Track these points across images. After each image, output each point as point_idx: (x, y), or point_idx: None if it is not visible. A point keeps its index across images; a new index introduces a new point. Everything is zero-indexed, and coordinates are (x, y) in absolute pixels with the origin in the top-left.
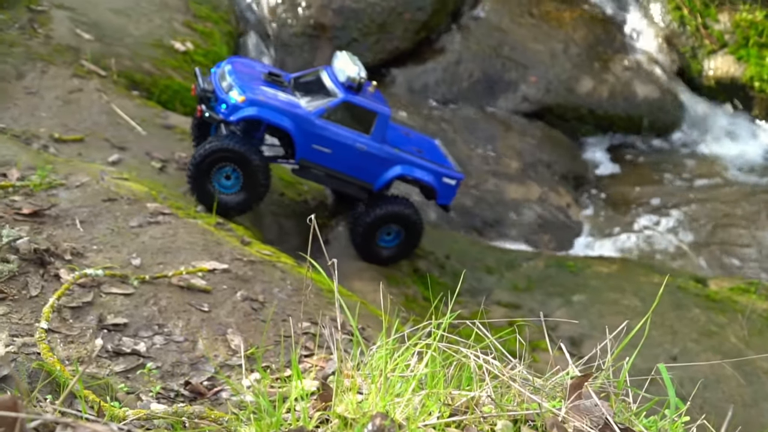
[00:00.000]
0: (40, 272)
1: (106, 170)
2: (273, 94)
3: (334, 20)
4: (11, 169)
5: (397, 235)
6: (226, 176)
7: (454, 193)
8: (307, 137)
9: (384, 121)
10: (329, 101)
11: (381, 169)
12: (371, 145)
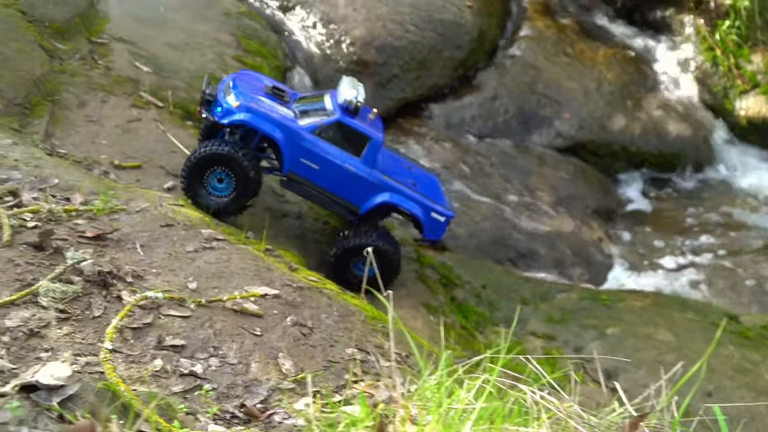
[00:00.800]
0: (103, 293)
1: (164, 196)
2: (269, 105)
3: (377, 57)
4: (75, 193)
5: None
6: (219, 179)
7: (442, 229)
8: (296, 150)
9: (376, 147)
10: (323, 119)
11: (368, 193)
12: (360, 168)
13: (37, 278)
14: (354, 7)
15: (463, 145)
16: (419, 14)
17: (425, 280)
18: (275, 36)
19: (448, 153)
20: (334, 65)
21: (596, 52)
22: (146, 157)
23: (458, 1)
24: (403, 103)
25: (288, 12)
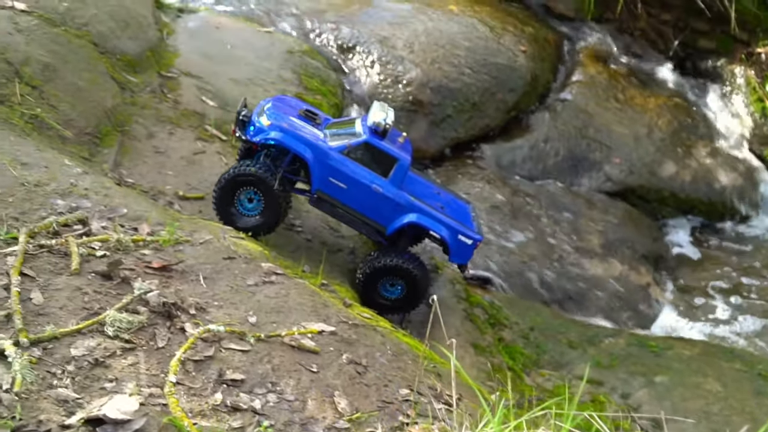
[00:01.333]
0: (167, 325)
1: (225, 229)
2: (300, 125)
3: (432, 97)
4: (142, 224)
5: (401, 290)
6: (249, 199)
7: (470, 252)
8: (325, 169)
9: (403, 168)
10: (352, 140)
11: (394, 213)
12: (387, 188)
13: (104, 307)
14: (411, 49)
15: (513, 185)
16: (474, 58)
17: (474, 320)
18: (335, 75)
19: (498, 193)
20: (390, 104)
21: (647, 99)
22: (209, 189)
23: (512, 46)
24: (456, 142)
25: (348, 52)
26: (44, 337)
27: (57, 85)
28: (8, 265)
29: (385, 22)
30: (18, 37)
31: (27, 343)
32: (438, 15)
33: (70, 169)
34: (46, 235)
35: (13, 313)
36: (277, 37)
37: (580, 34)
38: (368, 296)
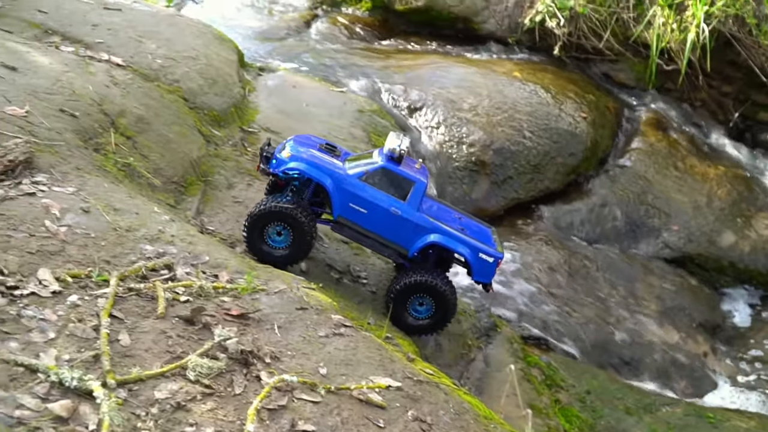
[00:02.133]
0: (244, 372)
1: (298, 278)
2: (319, 155)
3: (494, 159)
4: (222, 271)
5: (429, 309)
6: (278, 233)
7: (492, 271)
8: (345, 196)
9: (420, 190)
10: (369, 167)
11: (415, 235)
12: (406, 211)
13: (186, 352)
14: (476, 112)
15: (571, 247)
16: (536, 122)
17: (531, 380)
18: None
19: (555, 254)
20: (454, 163)
21: (707, 169)
22: None
23: (573, 112)
24: (516, 202)
25: (415, 112)
26: (130, 379)
27: (149, 136)
28: (99, 307)
29: (452, 84)
30: (115, 89)
31: (114, 384)
32: (502, 80)
33: (158, 216)
34: (135, 278)
35: (102, 354)
36: (349, 97)
37: (640, 102)
38: (398, 316)
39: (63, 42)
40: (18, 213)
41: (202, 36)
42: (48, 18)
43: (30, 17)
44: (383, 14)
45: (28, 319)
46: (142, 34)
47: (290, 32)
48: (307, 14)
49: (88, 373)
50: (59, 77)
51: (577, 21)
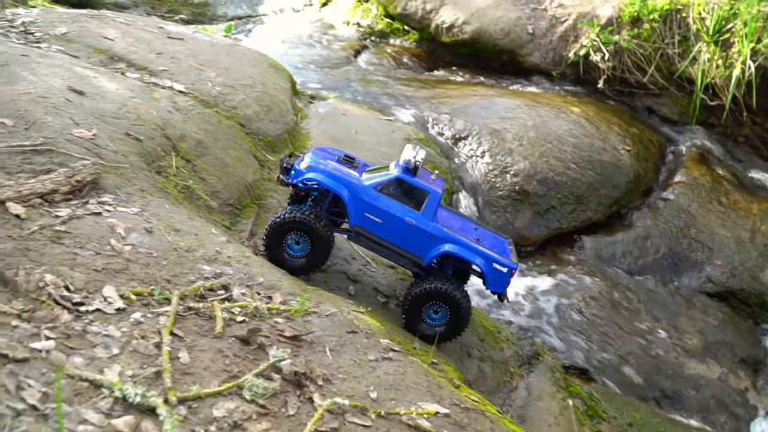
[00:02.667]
0: (297, 393)
1: (348, 302)
2: (336, 166)
3: (537, 189)
4: (276, 293)
5: (444, 317)
6: (296, 242)
7: (506, 280)
8: (360, 206)
9: (434, 201)
10: (385, 177)
11: (429, 245)
12: (420, 221)
13: (242, 371)
14: (520, 143)
15: (613, 278)
16: (580, 154)
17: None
18: (447, 162)
19: (597, 285)
20: (497, 192)
21: (750, 204)
22: (331, 262)
23: (617, 145)
24: (558, 232)
25: (460, 141)
26: (190, 397)
27: (207, 160)
28: (160, 325)
29: (497, 115)
30: (176, 115)
31: (175, 401)
32: (547, 111)
33: (216, 237)
34: (194, 298)
35: (163, 371)
36: (397, 125)
37: (684, 137)
38: (413, 323)
39: (129, 68)
40: (85, 232)
41: (258, 65)
42: (114, 45)
43: (96, 43)
44: (430, 46)
45: (93, 335)
46: (203, 62)
47: (340, 62)
48: (357, 45)
49: (150, 390)
50: (125, 102)
51: (622, 55)
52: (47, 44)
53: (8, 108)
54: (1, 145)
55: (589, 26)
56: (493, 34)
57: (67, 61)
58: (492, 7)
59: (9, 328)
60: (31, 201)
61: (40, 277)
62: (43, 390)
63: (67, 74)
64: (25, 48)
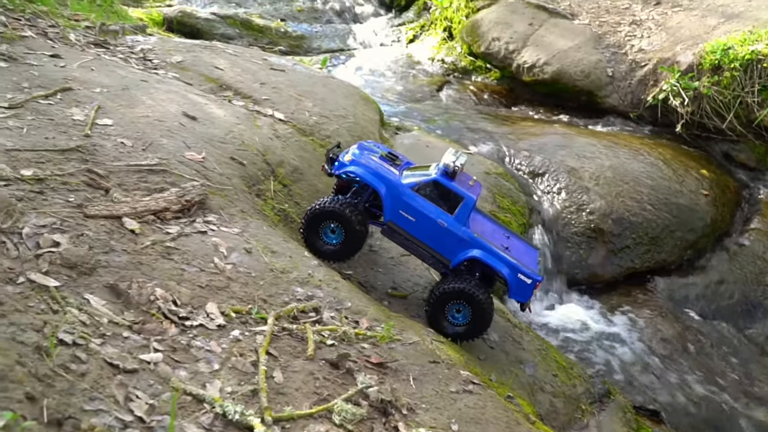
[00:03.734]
0: (383, 421)
1: (429, 331)
2: (378, 163)
3: (613, 228)
4: (362, 318)
5: (466, 316)
6: (332, 230)
7: (529, 291)
8: (396, 203)
9: (468, 206)
10: (423, 178)
11: (458, 248)
12: (452, 224)
13: (332, 395)
14: (597, 182)
15: (685, 321)
16: (657, 196)
17: None
18: (524, 197)
19: (668, 326)
20: (572, 228)
21: None
22: (411, 289)
23: (694, 188)
24: (631, 271)
25: (537, 177)
26: (284, 417)
27: (301, 186)
28: (257, 343)
29: (574, 153)
30: (276, 142)
31: (270, 421)
32: (624, 152)
33: (308, 260)
34: (287, 318)
35: (260, 390)
36: (477, 159)
37: (760, 183)
38: (436, 320)
39: (235, 96)
40: (191, 249)
41: (351, 96)
42: (223, 74)
43: (207, 72)
44: (510, 83)
45: (197, 350)
46: (301, 93)
47: (424, 96)
48: (440, 80)
49: (247, 408)
50: (231, 128)
51: (701, 101)
52: (164, 71)
53: (128, 129)
54: (121, 164)
55: (669, 72)
56: (573, 75)
57: (181, 87)
58: (573, 49)
59: (121, 338)
60: (145, 217)
61: (151, 290)
62: (150, 402)
63: (182, 100)
64: (144, 73)
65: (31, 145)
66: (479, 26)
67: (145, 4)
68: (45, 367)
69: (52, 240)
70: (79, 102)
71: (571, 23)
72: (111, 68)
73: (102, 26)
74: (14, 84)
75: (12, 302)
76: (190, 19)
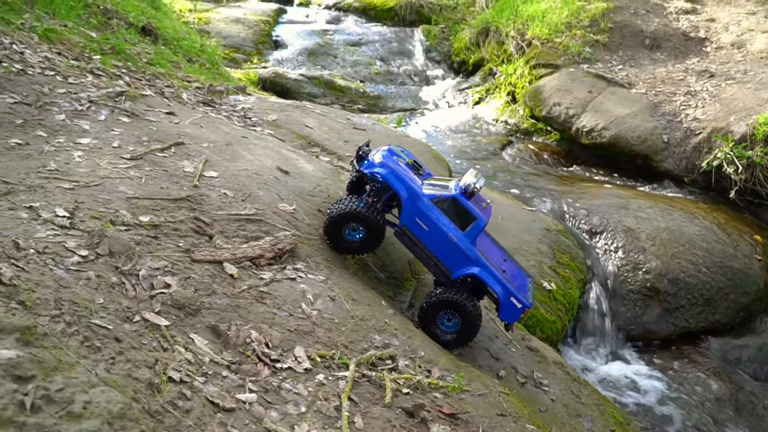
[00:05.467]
0: None
1: (495, 382)
2: (405, 170)
3: (668, 287)
4: (434, 367)
5: (456, 325)
6: (353, 229)
7: (517, 315)
8: (414, 210)
9: (479, 227)
10: (443, 193)
11: (462, 263)
12: (461, 240)
13: None
14: (653, 243)
15: (738, 382)
16: (712, 259)
17: None
18: (582, 254)
19: (722, 386)
20: (628, 286)
21: None
22: (477, 339)
23: (748, 253)
24: (685, 331)
25: (595, 236)
26: None
27: None
28: (340, 389)
29: (632, 214)
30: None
31: None
32: (679, 215)
33: (385, 309)
34: (366, 365)
35: None
36: (538, 215)
37: None
38: (426, 327)
39: (322, 153)
40: (282, 294)
41: (423, 154)
42: (312, 132)
43: (298, 130)
44: (569, 145)
45: (286, 392)
46: None
47: (488, 154)
48: (503, 140)
49: None
50: (318, 182)
51: (754, 169)
52: (261, 128)
53: (230, 181)
54: (223, 213)
55: (723, 141)
56: (630, 140)
57: (276, 143)
58: (630, 116)
59: (220, 377)
60: (243, 263)
61: (247, 333)
62: None
63: (276, 155)
64: (244, 130)
65: (148, 194)
66: (541, 92)
67: (243, 65)
68: (156, 403)
69: (164, 282)
70: (190, 155)
71: (629, 92)
72: (216, 125)
73: (210, 87)
74: (135, 137)
75: (129, 339)
76: (281, 79)
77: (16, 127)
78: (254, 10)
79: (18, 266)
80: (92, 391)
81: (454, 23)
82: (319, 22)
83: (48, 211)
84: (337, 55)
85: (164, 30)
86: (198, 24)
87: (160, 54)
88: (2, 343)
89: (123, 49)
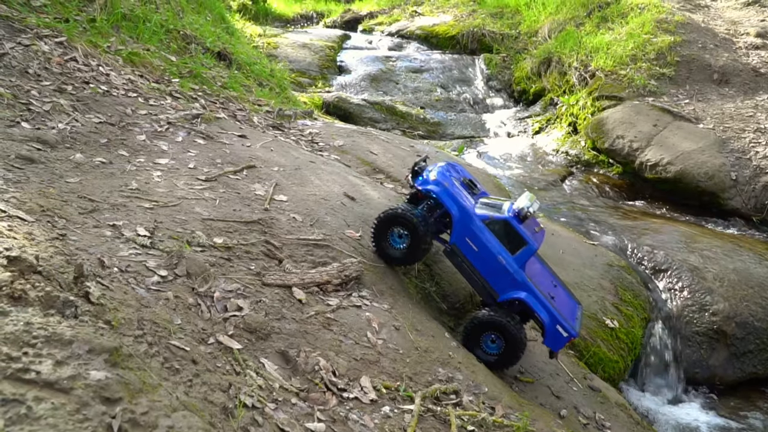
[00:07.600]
0: None
1: (558, 422)
2: (458, 189)
3: (736, 331)
4: (498, 404)
5: (499, 347)
6: (399, 235)
7: (562, 343)
8: (464, 229)
9: (529, 252)
10: (495, 214)
11: (509, 286)
12: (510, 264)
13: None
14: (721, 284)
15: None
16: None
17: None
18: (646, 291)
19: None
20: (694, 327)
21: None
22: (538, 375)
23: None
24: (753, 376)
25: (659, 273)
26: None
27: (441, 266)
28: (405, 422)
29: (698, 253)
30: None
31: None
32: (749, 256)
33: (448, 341)
34: (431, 399)
35: None
36: (600, 250)
37: None
38: (470, 346)
39: (386, 179)
40: (348, 321)
41: (486, 183)
42: (377, 159)
43: (363, 156)
44: (631, 178)
45: (353, 423)
46: None
47: (548, 185)
48: (563, 171)
49: None
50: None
51: None
52: (327, 153)
53: (299, 206)
54: (292, 237)
55: None
56: (696, 176)
57: (342, 169)
58: (697, 152)
59: (290, 404)
60: (310, 288)
61: (315, 360)
62: None
63: (342, 181)
64: (312, 155)
65: (222, 216)
66: (604, 124)
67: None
68: (230, 428)
69: (236, 305)
70: (261, 178)
71: (696, 127)
72: (285, 149)
73: (279, 111)
74: (210, 159)
75: (204, 362)
76: (344, 103)
77: (101, 146)
78: (320, 35)
79: (103, 284)
80: (174, 416)
81: (516, 53)
82: (382, 48)
83: (130, 229)
84: (399, 82)
85: (237, 55)
86: (267, 48)
87: (234, 78)
88: (92, 363)
89: (200, 72)
